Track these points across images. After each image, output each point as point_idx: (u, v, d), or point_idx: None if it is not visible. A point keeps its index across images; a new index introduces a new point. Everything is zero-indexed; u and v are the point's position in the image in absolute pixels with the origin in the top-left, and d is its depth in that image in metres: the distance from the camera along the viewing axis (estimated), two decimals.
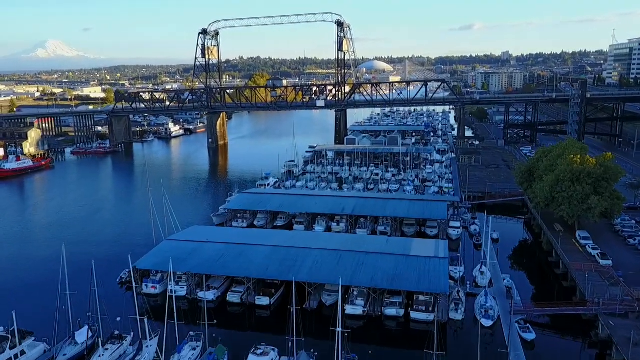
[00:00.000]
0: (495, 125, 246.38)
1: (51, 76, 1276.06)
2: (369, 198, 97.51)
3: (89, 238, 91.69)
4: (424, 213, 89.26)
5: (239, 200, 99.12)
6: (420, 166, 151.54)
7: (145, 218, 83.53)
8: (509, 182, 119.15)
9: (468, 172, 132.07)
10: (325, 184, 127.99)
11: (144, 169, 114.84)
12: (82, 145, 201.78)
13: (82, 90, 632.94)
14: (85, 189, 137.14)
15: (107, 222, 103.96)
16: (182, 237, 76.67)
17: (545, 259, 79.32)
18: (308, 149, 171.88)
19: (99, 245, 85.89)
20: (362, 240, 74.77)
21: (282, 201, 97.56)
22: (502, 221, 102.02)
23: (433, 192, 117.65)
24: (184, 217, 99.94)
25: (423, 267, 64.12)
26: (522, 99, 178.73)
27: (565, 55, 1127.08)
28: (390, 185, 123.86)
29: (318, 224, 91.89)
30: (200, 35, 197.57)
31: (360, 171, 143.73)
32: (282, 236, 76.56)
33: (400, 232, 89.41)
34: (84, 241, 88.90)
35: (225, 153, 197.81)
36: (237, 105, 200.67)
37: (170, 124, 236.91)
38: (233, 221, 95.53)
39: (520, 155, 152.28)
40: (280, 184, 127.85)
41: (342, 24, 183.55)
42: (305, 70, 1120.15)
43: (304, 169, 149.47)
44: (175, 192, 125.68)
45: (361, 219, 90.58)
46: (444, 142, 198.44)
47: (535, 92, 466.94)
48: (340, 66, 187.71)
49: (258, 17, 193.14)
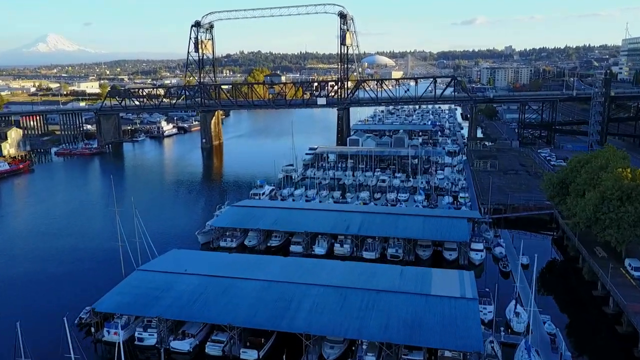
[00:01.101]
0: (506, 124, 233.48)
1: (50, 71, 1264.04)
2: (377, 213, 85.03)
3: (46, 267, 76.18)
4: (442, 233, 76.77)
5: (229, 215, 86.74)
6: (430, 170, 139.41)
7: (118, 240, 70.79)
8: (532, 192, 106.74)
9: (484, 179, 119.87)
10: (327, 192, 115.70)
11: (110, 181, 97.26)
12: (67, 146, 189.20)
13: (79, 85, 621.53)
14: (59, 197, 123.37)
15: (72, 245, 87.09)
16: (156, 266, 64.33)
17: (588, 292, 66.80)
18: (308, 150, 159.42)
19: (55, 278, 72.35)
20: (371, 272, 62.23)
21: (278, 216, 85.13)
22: (526, 237, 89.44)
23: (447, 202, 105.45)
24: (166, 235, 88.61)
25: (448, 312, 51.79)
26: (539, 97, 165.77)
27: (569, 50, 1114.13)
28: (399, 194, 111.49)
29: (318, 244, 79.61)
30: (193, 28, 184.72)
31: (365, 177, 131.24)
32: (275, 266, 64.13)
33: (413, 254, 77.08)
34: (40, 272, 74.36)
35: (219, 154, 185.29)
36: (232, 103, 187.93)
37: (163, 122, 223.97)
38: (221, 240, 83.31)
39: (540, 159, 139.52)
40: (276, 192, 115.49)
41: (345, 15, 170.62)
42: (306, 64, 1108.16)
43: (304, 173, 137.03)
44: (159, 202, 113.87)
45: (368, 240, 78.24)
46: (454, 143, 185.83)
47: (542, 88, 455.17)
48: (343, 61, 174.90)
49: (255, 9, 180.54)
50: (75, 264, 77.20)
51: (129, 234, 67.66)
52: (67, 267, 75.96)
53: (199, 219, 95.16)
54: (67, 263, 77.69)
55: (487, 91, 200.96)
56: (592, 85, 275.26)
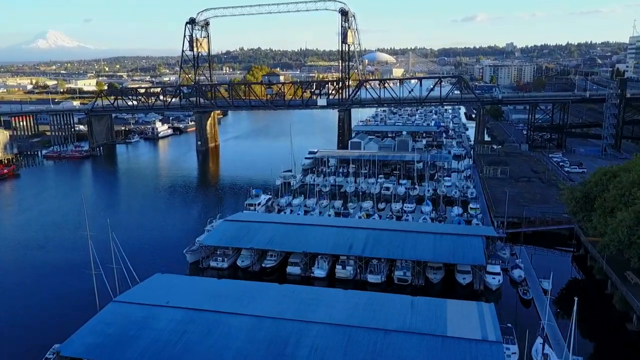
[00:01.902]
0: (512, 124, 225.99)
1: (49, 67, 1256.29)
2: (382, 230, 77.56)
3: (13, 299, 67.36)
4: (455, 254, 69.36)
5: (220, 232, 79.36)
6: (437, 177, 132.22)
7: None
8: (549, 203, 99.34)
9: (495, 188, 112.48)
10: (327, 202, 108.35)
11: (82, 201, 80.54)
12: (56, 148, 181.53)
13: (76, 83, 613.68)
14: (40, 207, 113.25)
15: (44, 266, 77.75)
16: (135, 296, 57.01)
17: (621, 325, 59.42)
18: (307, 154, 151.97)
19: (22, 311, 63.87)
20: (378, 304, 54.87)
21: (274, 233, 77.75)
22: (544, 254, 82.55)
23: (456, 214, 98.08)
24: (152, 252, 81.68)
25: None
26: (550, 99, 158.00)
27: (571, 47, 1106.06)
28: (405, 204, 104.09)
29: (318, 265, 72.35)
30: (188, 25, 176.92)
31: (368, 184, 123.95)
32: (269, 296, 56.75)
33: (423, 277, 69.79)
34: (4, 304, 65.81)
35: (215, 157, 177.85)
36: (229, 103, 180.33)
37: (157, 122, 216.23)
38: (211, 259, 76.08)
39: (553, 165, 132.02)
40: (273, 201, 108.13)
41: (346, 13, 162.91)
42: (306, 61, 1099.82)
43: (303, 180, 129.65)
44: (147, 213, 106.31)
45: (373, 261, 70.88)
46: (459, 145, 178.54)
47: (547, 87, 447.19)
48: (344, 60, 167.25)
49: (252, 5, 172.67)
50: (47, 293, 68.58)
51: (107, 258, 60.29)
52: (37, 297, 68.03)
53: (189, 233, 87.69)
54: (41, 292, 69.50)
55: (495, 91, 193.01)
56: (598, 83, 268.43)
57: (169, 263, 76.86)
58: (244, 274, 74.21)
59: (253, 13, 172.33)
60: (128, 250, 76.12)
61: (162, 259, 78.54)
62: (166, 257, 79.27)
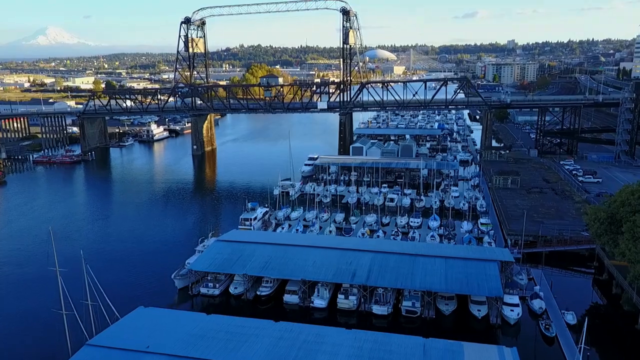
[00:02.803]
0: (519, 126, 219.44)
1: (49, 64, 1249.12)
2: (389, 253, 71.07)
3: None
4: (469, 284, 62.78)
5: (212, 254, 72.85)
6: (444, 186, 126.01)
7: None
8: (565, 218, 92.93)
9: (506, 200, 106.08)
10: (328, 215, 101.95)
11: (50, 233, 62.41)
12: (47, 153, 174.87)
13: (74, 80, 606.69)
14: (21, 222, 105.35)
15: (4, 307, 67.00)
16: (112, 338, 50.52)
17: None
18: (307, 160, 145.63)
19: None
20: (385, 350, 48.46)
21: (270, 256, 71.28)
22: (563, 278, 76.06)
23: (466, 230, 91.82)
24: (137, 276, 75.34)
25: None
26: (561, 103, 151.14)
27: (573, 44, 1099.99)
28: (410, 218, 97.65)
29: (318, 294, 65.99)
30: (183, 25, 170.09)
31: (371, 194, 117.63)
32: (263, 338, 50.31)
33: (434, 308, 63.36)
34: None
35: (211, 162, 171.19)
36: (225, 106, 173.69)
37: (153, 125, 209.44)
38: (202, 285, 69.71)
39: (565, 174, 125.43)
40: (270, 215, 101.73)
41: (347, 12, 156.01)
42: (307, 58, 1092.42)
43: (302, 189, 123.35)
44: (135, 229, 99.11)
45: (379, 289, 64.44)
46: (465, 150, 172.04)
47: (550, 85, 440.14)
48: (346, 62, 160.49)
49: (250, 4, 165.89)
50: (7, 341, 58.91)
51: (82, 293, 53.88)
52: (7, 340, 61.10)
53: (179, 253, 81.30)
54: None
55: (502, 93, 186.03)
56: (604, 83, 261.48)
57: (156, 289, 70.62)
58: (236, 302, 68.10)
59: (251, 12, 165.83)
60: (110, 276, 70.54)
61: (148, 284, 72.27)
62: (153, 282, 72.97)
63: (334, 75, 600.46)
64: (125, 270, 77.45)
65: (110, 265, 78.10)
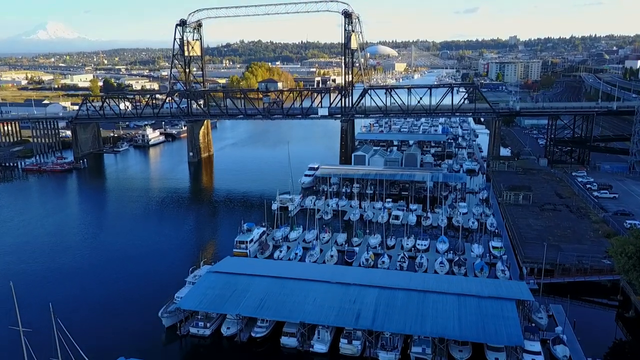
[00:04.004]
0: (526, 130, 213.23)
1: (48, 60, 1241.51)
2: (396, 289, 64.92)
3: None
4: (486, 330, 56.60)
5: (202, 289, 66.74)
6: (450, 198, 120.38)
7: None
8: (583, 242, 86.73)
9: (518, 218, 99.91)
10: (329, 235, 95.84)
11: (11, 290, 41.21)
12: (37, 160, 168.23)
13: (72, 78, 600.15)
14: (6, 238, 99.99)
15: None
16: None
17: None
18: (307, 170, 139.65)
19: None
20: None
21: (266, 291, 65.22)
22: (584, 313, 70.04)
23: (477, 254, 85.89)
24: (122, 311, 69.21)
25: None
26: (573, 111, 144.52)
27: (575, 40, 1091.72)
28: (417, 240, 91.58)
29: (319, 336, 60.09)
30: (178, 27, 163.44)
31: (374, 210, 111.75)
32: None
33: (446, 355, 57.34)
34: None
35: (208, 170, 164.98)
36: (222, 112, 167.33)
37: (148, 128, 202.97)
38: (191, 324, 63.74)
39: (579, 188, 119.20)
40: (267, 235, 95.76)
41: (350, 15, 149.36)
42: (307, 54, 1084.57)
43: (302, 203, 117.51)
44: (121, 254, 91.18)
45: (386, 334, 58.41)
46: (471, 158, 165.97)
47: (555, 85, 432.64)
48: (347, 67, 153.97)
49: (248, 6, 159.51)
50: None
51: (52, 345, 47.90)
52: None
53: (168, 284, 75.06)
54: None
55: (512, 101, 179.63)
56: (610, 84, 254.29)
57: (141, 329, 64.53)
58: (229, 344, 62.14)
59: (249, 14, 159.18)
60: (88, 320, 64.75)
61: (133, 324, 65.94)
62: (138, 321, 66.58)
63: (334, 73, 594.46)
64: (107, 309, 69.85)
65: (89, 306, 70.73)
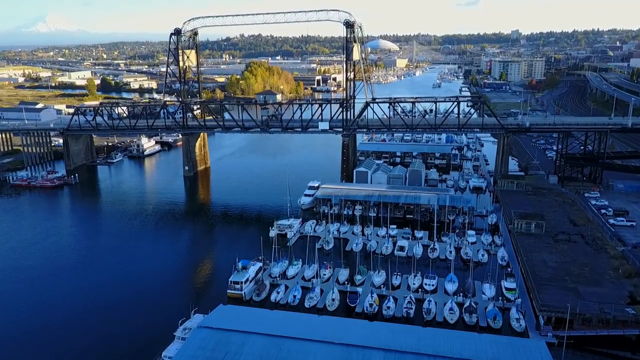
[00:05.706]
0: (532, 140, 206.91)
1: (47, 53, 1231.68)
2: (405, 353, 59.07)
3: None
4: None
5: (192, 350, 60.87)
6: (457, 220, 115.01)
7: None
8: (602, 284, 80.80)
9: (531, 252, 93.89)
10: (330, 272, 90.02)
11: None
12: (27, 174, 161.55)
13: (70, 75, 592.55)
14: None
15: None
16: None
17: None
18: (307, 190, 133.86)
19: None
20: None
21: (261, 354, 59.37)
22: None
23: (489, 298, 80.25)
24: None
25: None
26: (585, 127, 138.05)
27: (578, 35, 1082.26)
28: (425, 280, 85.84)
29: None
30: (173, 37, 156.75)
31: (378, 239, 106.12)
32: None
33: None
34: None
35: (204, 185, 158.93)
36: (219, 124, 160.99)
37: (143, 138, 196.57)
38: None
39: (593, 214, 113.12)
40: (263, 272, 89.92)
41: (352, 25, 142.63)
42: (308, 48, 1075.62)
43: (301, 230, 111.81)
44: (103, 300, 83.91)
45: None
46: (477, 172, 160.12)
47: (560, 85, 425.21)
48: (349, 80, 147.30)
49: (246, 15, 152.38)
50: None
51: None
52: None
53: (155, 338, 69.41)
54: None
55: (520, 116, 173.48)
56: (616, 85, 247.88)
57: None
58: None
59: (247, 23, 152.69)
60: None
61: None
62: None
63: (335, 70, 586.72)
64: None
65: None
